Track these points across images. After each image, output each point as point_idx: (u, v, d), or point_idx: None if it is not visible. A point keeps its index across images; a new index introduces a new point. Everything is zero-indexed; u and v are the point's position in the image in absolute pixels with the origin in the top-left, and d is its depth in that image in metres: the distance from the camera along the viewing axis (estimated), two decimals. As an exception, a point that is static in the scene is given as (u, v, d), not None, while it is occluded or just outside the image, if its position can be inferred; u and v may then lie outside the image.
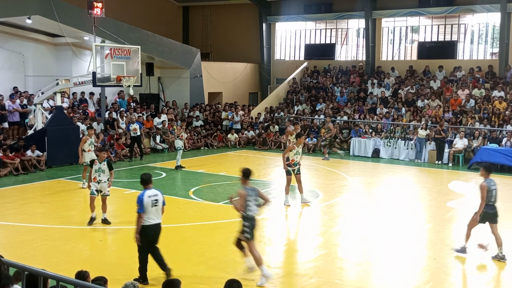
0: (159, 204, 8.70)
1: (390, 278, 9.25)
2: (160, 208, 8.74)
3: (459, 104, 23.66)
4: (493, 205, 10.05)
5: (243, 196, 8.78)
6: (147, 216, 8.56)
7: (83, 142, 15.65)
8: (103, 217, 12.04)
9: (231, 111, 26.69)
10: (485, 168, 10.15)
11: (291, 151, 13.85)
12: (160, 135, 23.35)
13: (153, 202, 8.59)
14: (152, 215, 8.60)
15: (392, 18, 28.93)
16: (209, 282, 8.75)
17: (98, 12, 19.52)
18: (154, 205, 8.60)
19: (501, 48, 25.44)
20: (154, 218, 8.63)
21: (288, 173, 13.90)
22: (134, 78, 18.45)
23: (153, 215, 8.60)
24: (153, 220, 8.62)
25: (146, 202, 8.52)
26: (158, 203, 8.67)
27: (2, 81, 22.19)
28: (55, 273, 5.57)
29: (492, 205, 10.03)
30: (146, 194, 8.58)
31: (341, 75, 29.05)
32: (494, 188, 9.95)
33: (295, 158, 13.90)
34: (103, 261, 9.71)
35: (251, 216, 8.80)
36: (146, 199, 8.53)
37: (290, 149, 13.92)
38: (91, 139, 15.82)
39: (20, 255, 9.65)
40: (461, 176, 18.77)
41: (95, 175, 11.89)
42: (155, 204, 8.61)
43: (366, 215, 13.35)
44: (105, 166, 11.97)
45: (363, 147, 22.92)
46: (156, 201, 8.64)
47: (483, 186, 9.80)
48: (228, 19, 33.49)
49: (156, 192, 8.73)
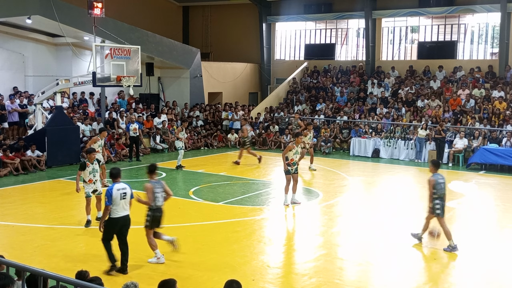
0: (127, 197, 9.12)
1: (390, 278, 9.25)
2: (128, 201, 9.15)
3: (459, 104, 23.66)
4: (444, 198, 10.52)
5: (150, 189, 9.55)
6: (115, 209, 8.96)
7: (92, 142, 15.37)
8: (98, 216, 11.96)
9: (231, 111, 26.69)
10: (433, 164, 10.72)
11: (290, 150, 13.84)
12: (160, 135, 23.35)
13: (121, 195, 9.00)
14: (120, 208, 9.01)
15: (392, 18, 28.93)
16: (209, 282, 8.76)
17: (98, 12, 19.51)
18: (123, 198, 9.03)
19: (501, 48, 25.44)
20: (123, 210, 9.05)
21: (287, 172, 13.89)
22: (134, 78, 18.44)
23: (121, 207, 9.02)
24: (121, 212, 9.04)
25: (115, 195, 8.91)
26: (127, 196, 9.10)
27: (2, 81, 22.20)
28: (55, 273, 5.57)
29: (444, 197, 10.52)
30: (115, 188, 8.98)
31: (341, 75, 29.04)
32: (442, 181, 10.41)
33: (294, 157, 13.90)
34: (103, 261, 9.70)
35: (158, 206, 9.53)
36: (115, 192, 8.92)
37: (289, 148, 13.91)
38: (101, 141, 15.58)
39: (20, 255, 9.66)
40: (461, 176, 18.77)
41: (90, 177, 11.85)
42: (123, 197, 9.03)
43: (366, 215, 13.35)
44: (97, 165, 12.05)
45: (363, 147, 22.93)
46: (125, 194, 9.06)
47: (430, 180, 10.34)
48: (228, 19, 33.49)
49: (124, 186, 9.17)
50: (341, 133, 24.29)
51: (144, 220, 9.56)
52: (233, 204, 14.00)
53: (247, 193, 15.48)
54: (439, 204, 10.43)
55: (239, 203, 14.20)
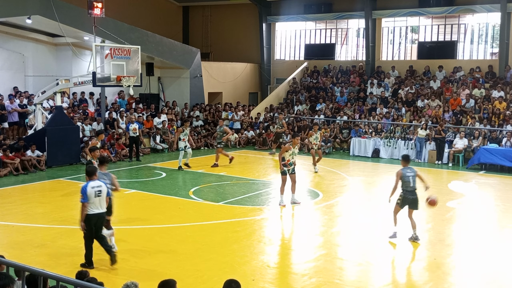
0: (103, 195, 9.24)
1: (390, 278, 9.25)
2: (104, 199, 9.28)
3: (459, 104, 23.66)
4: (412, 191, 11.00)
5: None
6: (90, 206, 9.11)
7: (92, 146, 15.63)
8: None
9: (231, 111, 26.69)
10: (403, 158, 11.44)
11: (286, 151, 13.80)
12: (160, 135, 23.35)
13: (96, 192, 9.14)
14: (95, 205, 9.16)
15: (392, 18, 28.92)
16: (209, 282, 8.75)
17: (98, 12, 19.51)
18: (98, 195, 9.16)
19: (501, 48, 25.44)
20: (98, 207, 9.19)
21: (283, 173, 13.87)
22: (134, 78, 18.44)
23: (96, 204, 9.17)
24: (96, 210, 9.17)
25: (89, 192, 9.08)
26: (102, 193, 9.23)
27: (2, 81, 22.20)
28: (55, 273, 5.57)
29: (411, 191, 10.99)
30: (89, 185, 9.15)
31: (341, 75, 29.04)
32: (409, 175, 10.95)
33: (290, 158, 13.87)
34: (103, 261, 9.70)
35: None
36: (89, 190, 9.10)
37: (286, 149, 13.87)
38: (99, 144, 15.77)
39: (20, 255, 9.66)
40: (461, 176, 18.77)
41: None
42: (98, 194, 9.16)
43: (366, 215, 13.35)
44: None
45: (363, 147, 22.93)
46: (100, 191, 9.19)
47: (398, 173, 10.99)
48: (228, 19, 33.49)
49: (100, 184, 9.27)
50: (341, 133, 24.29)
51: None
52: (233, 204, 14.01)
53: (247, 193, 15.48)
54: (401, 196, 11.04)
55: (239, 203, 14.20)
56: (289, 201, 14.00)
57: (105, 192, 9.30)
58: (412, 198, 11.00)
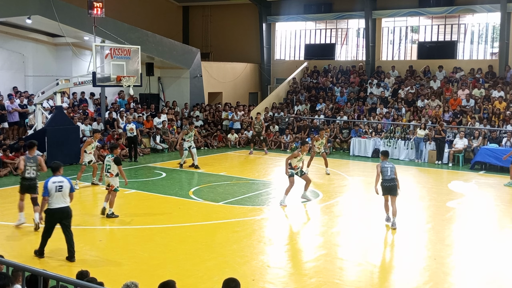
0: (64, 190, 9.53)
1: (390, 278, 9.25)
2: (66, 194, 9.57)
3: (459, 104, 23.66)
4: (389, 180, 12.02)
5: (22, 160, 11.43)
6: (52, 200, 9.46)
7: (87, 144, 15.95)
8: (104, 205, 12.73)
9: (231, 111, 26.70)
10: (382, 153, 12.67)
11: (295, 157, 13.90)
12: (160, 135, 23.35)
13: (57, 187, 9.46)
14: (57, 200, 9.49)
15: (392, 18, 28.92)
16: (209, 282, 8.75)
17: (98, 12, 19.51)
18: (59, 190, 9.47)
19: (501, 48, 25.43)
20: (59, 202, 9.51)
21: (291, 175, 13.91)
22: (134, 78, 18.44)
23: (57, 199, 9.49)
24: (58, 204, 9.50)
25: (50, 187, 9.42)
26: (63, 189, 9.52)
27: (2, 81, 22.20)
28: (55, 273, 5.57)
29: (388, 179, 12.02)
30: (50, 180, 9.50)
31: (341, 75, 29.04)
32: (387, 166, 12.08)
33: (298, 164, 13.95)
34: (103, 261, 9.71)
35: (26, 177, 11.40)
36: (50, 185, 9.44)
37: (294, 156, 13.97)
38: (95, 143, 16.29)
39: (20, 255, 9.66)
40: (461, 176, 18.77)
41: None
42: (59, 189, 9.47)
43: (366, 215, 13.35)
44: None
45: (363, 147, 22.93)
46: (61, 187, 9.50)
47: (378, 165, 12.22)
48: (228, 19, 33.49)
49: (61, 179, 9.60)
50: (341, 133, 24.29)
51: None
52: (233, 204, 14.01)
53: (247, 193, 15.48)
54: (381, 185, 12.11)
55: (239, 203, 14.21)
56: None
57: (67, 188, 9.55)
58: (389, 186, 12.03)
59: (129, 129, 20.63)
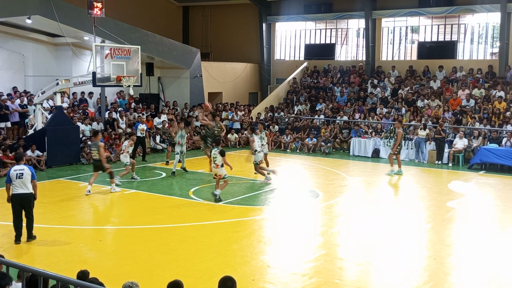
0: (25, 177, 10.41)
1: (390, 278, 9.25)
2: (27, 180, 10.44)
3: (459, 104, 23.65)
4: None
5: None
6: (13, 186, 10.41)
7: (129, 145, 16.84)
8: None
9: (231, 111, 26.69)
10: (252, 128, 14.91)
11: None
12: (160, 135, 23.34)
13: (17, 174, 10.40)
14: (18, 186, 10.41)
15: (392, 18, 28.92)
16: (209, 282, 8.75)
17: (98, 12, 19.51)
18: (19, 177, 10.39)
19: (501, 48, 25.43)
20: (20, 188, 10.43)
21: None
22: (134, 78, 18.44)
23: (18, 185, 10.40)
24: (19, 190, 10.42)
25: (12, 175, 10.43)
26: (23, 176, 10.41)
27: (2, 81, 22.21)
28: (55, 273, 5.57)
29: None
30: (13, 169, 10.56)
31: (341, 75, 29.04)
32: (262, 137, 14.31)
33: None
34: (103, 261, 9.71)
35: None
36: (12, 172, 10.48)
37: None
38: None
39: (20, 255, 9.66)
40: (461, 176, 18.77)
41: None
42: (19, 176, 10.39)
43: (366, 215, 13.35)
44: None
45: (363, 147, 22.91)
46: (21, 174, 10.41)
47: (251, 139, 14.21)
48: (228, 19, 33.49)
49: (22, 167, 10.53)
50: (341, 133, 24.28)
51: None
52: (233, 204, 14.01)
53: (247, 193, 15.49)
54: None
55: (239, 203, 14.21)
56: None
57: (28, 175, 10.43)
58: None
59: (140, 129, 20.48)
